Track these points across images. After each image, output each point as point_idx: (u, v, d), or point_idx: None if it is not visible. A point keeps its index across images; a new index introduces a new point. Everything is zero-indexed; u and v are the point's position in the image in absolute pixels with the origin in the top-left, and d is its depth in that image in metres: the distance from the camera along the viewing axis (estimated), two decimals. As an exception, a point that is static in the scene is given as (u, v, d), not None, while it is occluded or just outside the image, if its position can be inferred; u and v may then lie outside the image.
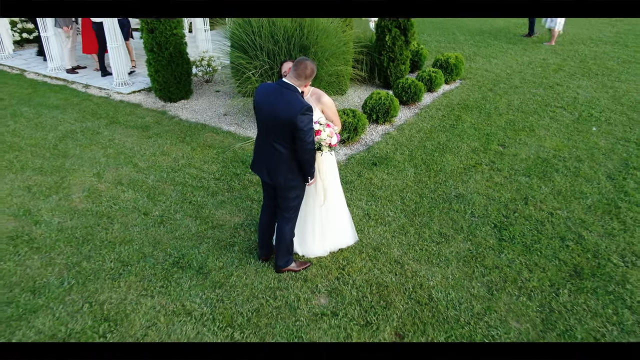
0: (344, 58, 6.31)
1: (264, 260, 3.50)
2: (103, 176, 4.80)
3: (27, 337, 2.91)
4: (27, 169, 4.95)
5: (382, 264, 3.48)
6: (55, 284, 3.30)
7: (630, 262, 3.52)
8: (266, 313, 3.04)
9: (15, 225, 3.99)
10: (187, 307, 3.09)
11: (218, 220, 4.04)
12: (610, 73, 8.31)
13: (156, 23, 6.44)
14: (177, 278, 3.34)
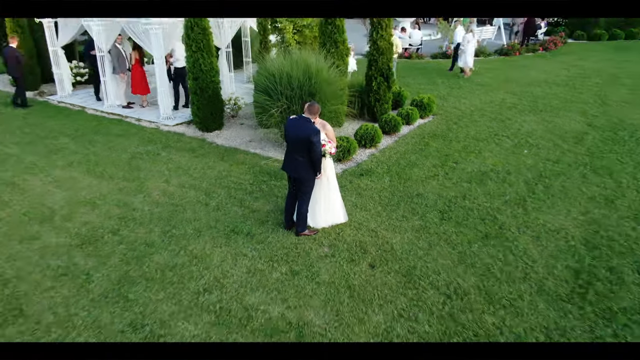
0: (341, 99, 8.46)
1: (288, 229, 5.48)
2: (170, 182, 6.84)
3: (150, 267, 4.84)
4: (115, 178, 7.00)
5: (363, 232, 5.46)
6: (158, 241, 5.28)
7: (522, 232, 5.50)
8: (292, 255, 5.01)
9: (119, 211, 6.00)
10: (243, 252, 5.06)
11: (255, 208, 6.04)
12: (552, 110, 10.48)
13: (199, 73, 8.62)
14: (234, 238, 5.33)
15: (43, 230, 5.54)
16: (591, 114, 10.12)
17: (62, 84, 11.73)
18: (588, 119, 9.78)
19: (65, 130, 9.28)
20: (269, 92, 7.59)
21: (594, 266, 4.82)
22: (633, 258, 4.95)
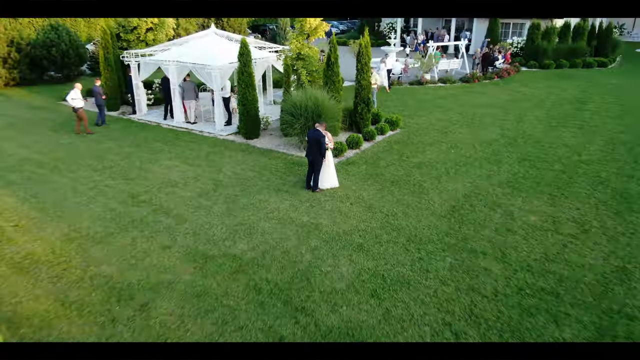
0: (337, 118, 13.21)
1: (307, 189, 10.20)
2: (235, 168, 11.58)
3: (239, 204, 9.55)
4: (202, 166, 11.73)
5: (347, 191, 10.16)
6: (240, 194, 10.01)
7: (433, 190, 10.21)
8: (310, 199, 9.72)
9: (212, 182, 10.72)
10: (285, 198, 9.78)
11: (288, 180, 10.77)
12: (482, 125, 15.25)
13: (246, 101, 13.40)
14: (280, 193, 10.04)
15: (176, 190, 10.28)
16: (506, 128, 14.92)
17: (140, 105, 16.54)
18: (503, 131, 14.57)
19: (155, 138, 14.07)
20: (293, 114, 12.36)
21: (463, 204, 9.54)
22: (485, 201, 9.66)
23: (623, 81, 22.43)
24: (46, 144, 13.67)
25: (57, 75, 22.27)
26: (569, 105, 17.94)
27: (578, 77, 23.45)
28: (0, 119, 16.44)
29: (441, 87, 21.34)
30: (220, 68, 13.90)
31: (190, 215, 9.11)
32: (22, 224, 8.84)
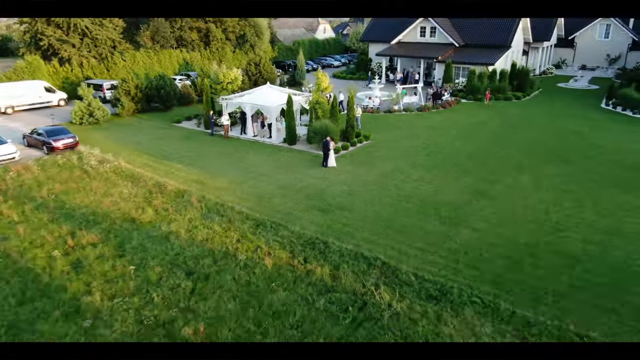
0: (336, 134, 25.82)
1: (322, 166, 22.79)
2: (286, 158, 24.22)
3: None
4: (269, 158, 24.40)
5: (340, 167, 22.72)
6: (286, 172, 22.71)
7: (386, 162, 22.79)
8: (325, 171, 22.31)
9: (276, 162, 23.37)
10: (313, 170, 22.40)
11: (313, 163, 23.37)
12: (418, 139, 27.78)
13: (290, 125, 26.07)
14: (310, 167, 22.65)
15: (260, 168, 22.88)
16: (429, 139, 27.43)
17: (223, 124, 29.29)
18: (425, 143, 27.09)
19: (242, 144, 26.73)
20: (314, 132, 25.01)
21: (389, 173, 22.04)
22: (400, 172, 22.17)
23: (522, 111, 34.94)
24: (184, 147, 26.37)
25: (160, 107, 35.12)
26: (474, 125, 30.47)
27: (494, 108, 35.97)
28: (148, 134, 29.18)
29: (403, 114, 33.92)
30: (274, 107, 26.62)
31: (273, 175, 21.67)
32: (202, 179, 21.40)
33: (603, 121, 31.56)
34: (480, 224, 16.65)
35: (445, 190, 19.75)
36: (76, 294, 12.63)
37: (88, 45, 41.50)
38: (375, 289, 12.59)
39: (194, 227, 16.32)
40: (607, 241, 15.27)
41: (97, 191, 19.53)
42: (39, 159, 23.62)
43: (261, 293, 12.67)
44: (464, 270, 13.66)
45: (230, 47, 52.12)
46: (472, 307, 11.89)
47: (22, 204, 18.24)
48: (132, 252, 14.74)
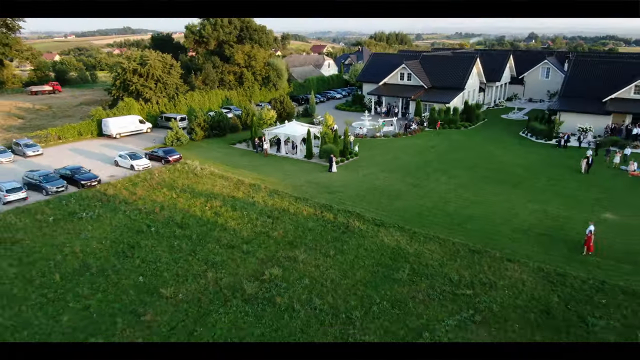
0: (337, 153, 42.60)
1: (328, 172, 39.49)
2: (306, 167, 40.96)
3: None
4: (295, 166, 41.20)
5: (339, 173, 39.41)
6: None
7: (370, 165, 39.50)
8: (329, 175, 39.03)
9: (302, 168, 40.16)
10: (323, 174, 39.13)
11: (322, 170, 40.08)
12: (388, 153, 44.48)
13: (309, 146, 42.94)
14: (321, 172, 39.34)
15: (292, 172, 39.63)
16: (394, 157, 44.13)
17: (268, 149, 46.17)
18: (392, 158, 43.78)
19: (277, 159, 43.52)
20: (325, 151, 41.77)
21: (365, 175, 38.69)
22: (372, 176, 38.81)
23: (465, 137, 51.57)
24: (242, 160, 43.09)
25: (219, 133, 52.03)
26: (427, 147, 47.13)
27: (446, 134, 52.63)
28: (217, 152, 45.89)
29: (383, 139, 50.60)
30: (299, 135, 43.48)
31: (300, 176, 38.27)
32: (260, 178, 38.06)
33: (513, 144, 48.28)
34: (409, 199, 33.20)
35: (396, 183, 36.37)
36: (222, 224, 29.15)
37: (161, 88, 58.80)
38: (352, 221, 29.10)
39: (265, 199, 32.89)
40: (470, 207, 31.77)
41: (206, 183, 36.19)
42: (164, 167, 40.38)
43: (302, 223, 29.17)
44: (394, 217, 30.15)
45: (258, 85, 69.43)
46: (393, 228, 28.33)
47: (171, 189, 34.91)
48: (239, 209, 31.29)
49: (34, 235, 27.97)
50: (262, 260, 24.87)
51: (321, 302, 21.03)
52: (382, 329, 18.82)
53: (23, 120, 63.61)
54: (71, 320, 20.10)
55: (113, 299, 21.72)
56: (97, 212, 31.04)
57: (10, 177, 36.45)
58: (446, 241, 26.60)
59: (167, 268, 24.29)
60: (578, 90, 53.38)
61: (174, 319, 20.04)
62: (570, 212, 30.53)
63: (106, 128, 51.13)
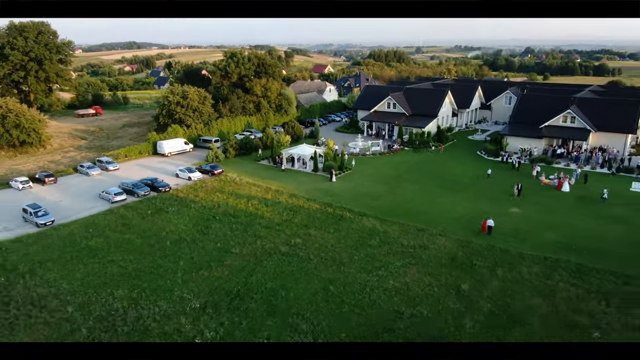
0: (336, 168, 58.98)
1: (329, 181, 55.82)
2: (314, 178, 57.34)
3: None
4: (305, 178, 57.64)
5: (340, 182, 55.71)
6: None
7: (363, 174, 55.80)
8: (330, 183, 55.38)
9: (312, 178, 56.58)
10: (326, 182, 55.50)
11: (325, 180, 56.42)
12: (373, 168, 60.81)
13: (315, 162, 59.38)
14: (324, 181, 55.68)
15: (302, 183, 55.97)
16: (378, 171, 60.43)
17: (285, 164, 62.60)
18: (376, 172, 60.10)
19: (290, 173, 59.90)
20: (327, 167, 58.13)
21: (361, 183, 54.95)
22: (363, 187, 55.09)
23: (434, 155, 67.89)
24: (267, 173, 59.43)
25: (246, 152, 68.50)
26: (403, 162, 63.43)
27: (419, 153, 68.97)
28: (247, 167, 62.27)
29: (371, 157, 66.87)
30: (308, 154, 59.93)
31: (310, 184, 54.56)
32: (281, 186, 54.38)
33: (469, 161, 64.63)
34: (384, 200, 49.43)
35: (377, 189, 52.67)
36: (260, 215, 45.29)
37: (197, 116, 75.42)
38: (345, 213, 45.28)
39: (287, 199, 49.08)
40: (424, 204, 47.97)
41: (245, 189, 52.46)
42: (212, 178, 56.68)
43: (312, 214, 45.35)
44: (373, 210, 46.32)
45: (272, 112, 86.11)
46: (371, 217, 44.46)
47: (222, 193, 51.16)
48: (270, 205, 47.49)
49: (141, 221, 44.23)
50: (288, 235, 41.01)
51: (325, 255, 37.16)
52: (360, 267, 34.94)
53: (86, 140, 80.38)
54: (185, 264, 36.23)
55: (205, 254, 37.88)
56: (176, 208, 47.31)
57: (101, 187, 52.66)
58: (404, 224, 42.75)
59: (231, 239, 40.46)
60: (523, 118, 69.86)
61: (242, 264, 36.18)
62: (490, 208, 46.61)
63: (160, 148, 67.65)
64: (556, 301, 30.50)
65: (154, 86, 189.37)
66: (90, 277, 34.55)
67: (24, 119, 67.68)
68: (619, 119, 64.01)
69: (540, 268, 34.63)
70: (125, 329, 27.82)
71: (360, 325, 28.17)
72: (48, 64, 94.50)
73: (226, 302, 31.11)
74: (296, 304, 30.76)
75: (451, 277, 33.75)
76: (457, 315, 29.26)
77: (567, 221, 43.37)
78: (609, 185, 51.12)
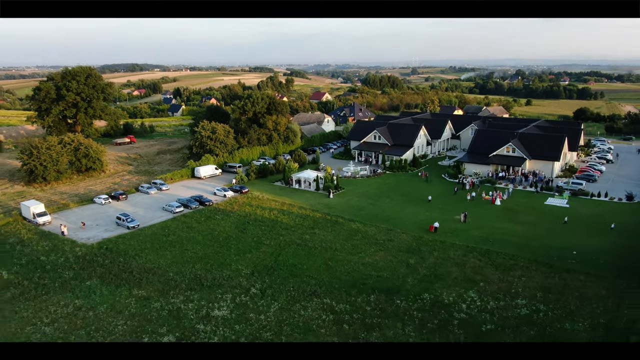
0: (333, 187, 79.98)
1: (328, 198, 76.83)
2: (318, 195, 78.43)
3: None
4: (311, 195, 78.75)
5: (335, 198, 76.68)
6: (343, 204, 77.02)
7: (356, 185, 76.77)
8: (328, 199, 76.43)
9: (315, 193, 77.64)
10: (326, 199, 76.59)
11: (324, 197, 77.46)
12: (361, 188, 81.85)
13: (316, 184, 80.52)
14: (324, 198, 76.74)
15: (306, 198, 76.97)
16: (364, 190, 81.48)
17: (293, 184, 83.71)
18: (363, 190, 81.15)
19: (295, 191, 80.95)
20: (326, 187, 79.16)
21: (354, 201, 75.92)
22: (350, 203, 76.06)
23: (408, 177, 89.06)
24: (281, 192, 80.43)
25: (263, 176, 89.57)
26: (384, 183, 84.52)
27: (395, 176, 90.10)
28: (266, 187, 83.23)
29: (360, 179, 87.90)
30: (312, 177, 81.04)
31: (313, 200, 75.49)
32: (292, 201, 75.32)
33: (434, 182, 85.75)
34: (367, 210, 70.41)
35: (363, 203, 73.72)
36: (280, 221, 66.07)
37: (223, 147, 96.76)
38: (339, 220, 66.12)
39: (298, 210, 69.90)
40: (396, 213, 68.94)
41: (267, 203, 73.28)
42: (241, 195, 77.56)
43: (316, 220, 66.21)
44: (359, 218, 67.19)
45: (281, 142, 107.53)
46: (357, 222, 65.27)
47: (250, 207, 71.97)
48: (286, 215, 68.32)
49: (198, 225, 64.97)
50: (300, 233, 61.72)
51: (325, 245, 57.91)
52: (348, 252, 55.66)
53: (132, 166, 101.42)
54: (234, 251, 56.86)
55: (246, 245, 58.58)
56: (220, 216, 68.11)
57: (160, 202, 73.42)
58: (379, 226, 63.54)
59: (262, 235, 61.19)
60: (477, 149, 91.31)
61: (271, 250, 56.85)
62: (442, 216, 67.50)
63: (197, 173, 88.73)
64: (465, 269, 51.21)
65: (168, 113, 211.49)
66: (175, 258, 55.15)
67: (91, 150, 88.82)
68: (547, 150, 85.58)
69: (462, 252, 55.43)
70: (207, 283, 48.34)
71: (346, 281, 48.72)
72: (95, 102, 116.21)
73: (265, 271, 51.70)
74: (307, 271, 51.34)
75: (405, 257, 54.50)
76: (404, 276, 49.91)
77: (490, 224, 64.37)
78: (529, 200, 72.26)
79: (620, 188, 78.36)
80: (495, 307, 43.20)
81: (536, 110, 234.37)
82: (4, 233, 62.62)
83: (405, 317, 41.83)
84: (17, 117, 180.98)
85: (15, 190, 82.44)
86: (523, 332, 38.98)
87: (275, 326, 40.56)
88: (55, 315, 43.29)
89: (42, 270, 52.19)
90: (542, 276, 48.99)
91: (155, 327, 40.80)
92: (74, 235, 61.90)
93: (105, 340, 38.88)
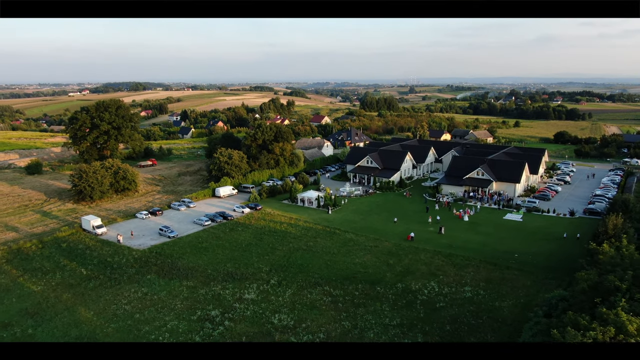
0: (332, 204, 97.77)
1: (328, 213, 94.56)
2: (319, 211, 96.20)
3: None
4: (314, 212, 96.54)
5: (333, 214, 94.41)
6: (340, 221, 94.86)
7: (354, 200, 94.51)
8: (327, 215, 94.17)
9: (316, 210, 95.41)
10: (326, 214, 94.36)
11: (324, 213, 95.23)
12: (354, 206, 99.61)
13: (317, 201, 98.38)
14: (324, 213, 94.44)
15: (309, 215, 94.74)
16: (357, 207, 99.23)
17: (298, 202, 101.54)
18: (356, 208, 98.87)
19: (300, 208, 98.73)
20: (326, 204, 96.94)
21: (350, 216, 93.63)
22: (346, 219, 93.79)
23: (395, 196, 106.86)
24: (289, 208, 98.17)
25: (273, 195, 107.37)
26: (374, 202, 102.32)
27: (384, 195, 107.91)
28: (275, 205, 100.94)
29: (354, 198, 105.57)
30: (314, 197, 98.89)
31: (315, 215, 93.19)
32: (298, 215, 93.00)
33: (417, 201, 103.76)
34: (359, 224, 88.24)
35: (355, 218, 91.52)
36: (289, 232, 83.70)
37: (238, 170, 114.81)
38: (336, 231, 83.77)
39: (302, 224, 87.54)
40: (382, 226, 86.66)
41: (277, 218, 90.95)
42: (255, 211, 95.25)
43: (317, 231, 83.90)
44: (351, 229, 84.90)
45: (287, 165, 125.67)
46: (350, 233, 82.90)
47: (264, 220, 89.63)
48: (294, 227, 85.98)
49: (224, 235, 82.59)
50: (305, 241, 79.34)
51: (325, 250, 75.52)
52: (342, 255, 73.16)
53: (159, 186, 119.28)
54: (255, 254, 74.39)
55: (264, 250, 76.22)
56: (241, 228, 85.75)
57: (190, 217, 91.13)
58: (368, 236, 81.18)
59: (275, 243, 78.81)
60: (453, 172, 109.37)
61: (284, 254, 74.44)
62: (419, 228, 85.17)
63: (217, 192, 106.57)
64: (431, 267, 68.74)
65: (178, 135, 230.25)
66: (210, 260, 72.65)
67: (128, 173, 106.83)
68: (510, 174, 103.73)
69: (430, 255, 73.05)
70: (238, 277, 65.81)
71: (341, 275, 66.15)
72: (124, 130, 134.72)
73: (280, 268, 69.15)
74: (312, 269, 68.80)
75: (386, 258, 72.06)
76: (385, 272, 67.38)
77: (457, 234, 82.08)
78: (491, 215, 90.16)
79: (569, 205, 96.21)
80: (448, 292, 60.71)
81: (522, 132, 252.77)
82: (74, 241, 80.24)
83: (383, 299, 59.30)
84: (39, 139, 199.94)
85: (67, 207, 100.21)
86: (464, 307, 56.46)
87: (289, 304, 58.00)
88: (129, 298, 60.75)
89: (111, 268, 69.77)
90: (487, 271, 66.58)
91: (204, 305, 58.23)
92: (127, 242, 79.52)
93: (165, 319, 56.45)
